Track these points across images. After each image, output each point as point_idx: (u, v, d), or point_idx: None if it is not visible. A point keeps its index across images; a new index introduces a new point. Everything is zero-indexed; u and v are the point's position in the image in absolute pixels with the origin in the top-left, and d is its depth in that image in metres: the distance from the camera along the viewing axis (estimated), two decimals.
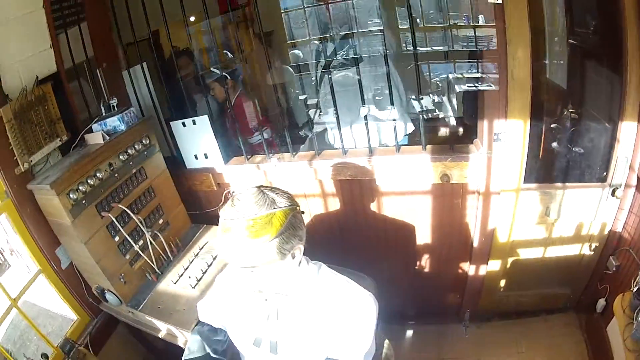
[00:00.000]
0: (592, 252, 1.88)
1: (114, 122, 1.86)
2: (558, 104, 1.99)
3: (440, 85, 2.84)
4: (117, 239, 1.78)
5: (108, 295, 1.80)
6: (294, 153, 2.07)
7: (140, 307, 1.76)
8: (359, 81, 1.89)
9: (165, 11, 1.93)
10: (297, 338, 1.09)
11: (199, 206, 2.31)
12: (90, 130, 1.86)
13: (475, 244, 1.97)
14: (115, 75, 2.17)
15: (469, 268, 2.09)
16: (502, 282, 2.10)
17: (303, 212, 1.06)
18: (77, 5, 1.96)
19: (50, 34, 1.84)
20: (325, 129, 2.36)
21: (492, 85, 2.07)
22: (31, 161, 1.74)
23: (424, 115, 2.58)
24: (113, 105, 1.94)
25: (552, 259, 1.95)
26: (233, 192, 2.27)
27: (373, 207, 2.06)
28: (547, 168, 1.81)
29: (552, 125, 1.99)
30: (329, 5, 2.49)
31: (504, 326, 2.19)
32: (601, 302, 1.84)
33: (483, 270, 2.05)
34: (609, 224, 1.77)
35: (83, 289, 1.89)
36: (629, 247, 1.69)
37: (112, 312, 1.91)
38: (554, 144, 2.01)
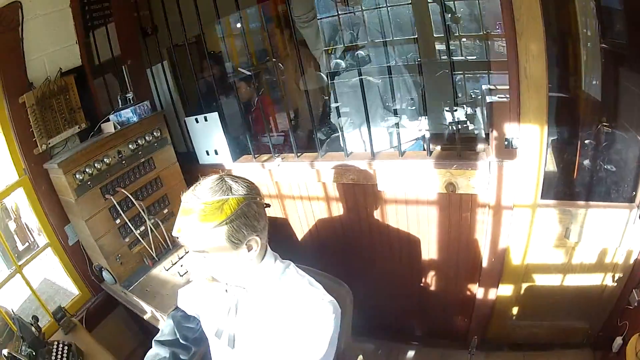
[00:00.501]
0: (615, 284, 1.64)
1: (127, 114, 1.95)
2: (591, 117, 1.82)
3: (473, 96, 2.72)
4: (118, 221, 1.85)
5: (105, 274, 1.86)
6: (299, 153, 2.02)
7: (132, 287, 1.82)
8: (378, 86, 1.84)
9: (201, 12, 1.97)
10: (254, 335, 1.06)
11: None
12: (107, 121, 1.95)
13: (485, 264, 1.79)
14: (139, 72, 2.28)
15: (477, 290, 1.90)
16: (515, 310, 1.89)
17: (268, 206, 1.04)
18: (104, 8, 2.11)
19: (77, 31, 1.98)
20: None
21: None
22: (49, 144, 1.87)
23: (454, 127, 2.49)
24: (129, 98, 2.03)
25: (570, 288, 1.72)
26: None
27: (377, 214, 1.95)
28: (568, 183, 1.63)
29: (586, 141, 1.82)
30: (364, 12, 2.49)
31: (514, 358, 1.95)
32: (618, 341, 1.59)
33: (493, 294, 1.85)
34: (635, 252, 1.54)
35: (87, 266, 1.97)
36: None
37: (110, 291, 1.95)
38: (586, 161, 1.83)
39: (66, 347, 1.50)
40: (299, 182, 2.06)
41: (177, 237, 0.97)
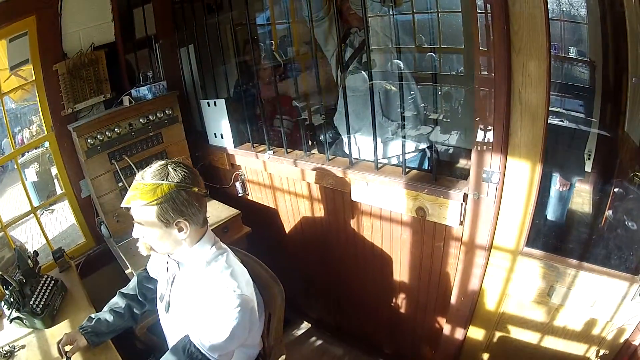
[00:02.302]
0: None
1: (144, 90, 2.05)
2: (627, 164, 1.46)
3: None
4: (120, 184, 2.00)
5: (103, 228, 2.04)
6: (289, 150, 1.94)
7: (121, 243, 1.98)
8: (379, 93, 1.67)
9: None
10: (181, 305, 1.15)
11: (217, 180, 2.39)
12: (129, 94, 2.07)
13: (453, 301, 1.57)
14: (170, 51, 2.37)
15: (445, 326, 1.68)
16: (485, 356, 1.64)
17: (205, 195, 1.11)
18: None
19: (113, 9, 2.10)
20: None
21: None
22: (75, 108, 2.06)
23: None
24: (149, 77, 2.12)
25: (549, 350, 1.42)
26: (242, 175, 2.28)
27: (353, 224, 1.81)
28: (560, 235, 1.32)
29: (616, 190, 1.47)
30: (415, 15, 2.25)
31: None
32: None
33: (460, 334, 1.62)
34: (628, 331, 1.20)
35: (94, 219, 2.17)
36: None
37: (108, 244, 2.10)
38: (609, 212, 1.49)
39: (53, 282, 1.66)
40: (287, 178, 1.99)
41: (126, 208, 1.09)
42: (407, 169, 1.50)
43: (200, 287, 1.09)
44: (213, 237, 1.17)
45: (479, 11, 1.11)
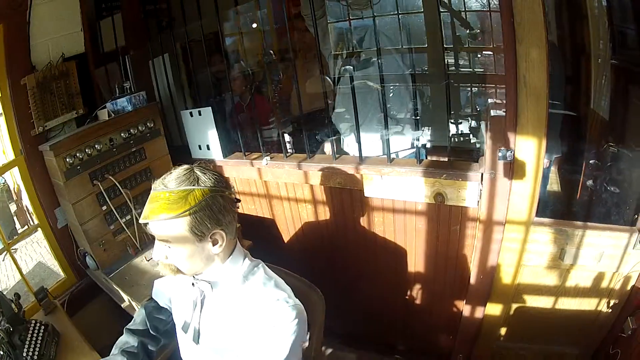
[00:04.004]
0: (610, 310, 1.46)
1: (123, 102, 1.88)
2: (598, 137, 1.68)
3: (479, 109, 2.58)
4: (104, 208, 1.78)
5: (88, 259, 1.80)
6: (288, 154, 1.91)
7: (112, 274, 1.76)
8: (379, 92, 1.74)
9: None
10: (217, 332, 1.00)
11: None
12: (104, 108, 1.88)
13: (472, 281, 1.64)
14: (141, 63, 2.24)
15: (464, 308, 1.75)
16: (502, 331, 1.72)
17: (238, 201, 0.99)
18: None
19: (82, 19, 1.93)
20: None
21: None
22: (46, 126, 1.82)
23: (455, 139, 2.33)
24: (127, 88, 1.96)
25: (562, 311, 1.55)
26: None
27: (363, 222, 1.82)
28: (567, 202, 1.47)
29: (591, 161, 1.67)
30: (375, 19, 2.39)
31: None
32: None
33: (480, 313, 1.69)
34: (634, 278, 1.37)
35: (73, 251, 1.90)
36: None
37: (94, 277, 1.87)
38: (589, 182, 1.68)
39: (43, 327, 1.42)
40: (286, 183, 1.94)
41: (145, 225, 0.93)
42: (421, 159, 1.57)
43: (241, 307, 0.96)
44: (243, 249, 1.04)
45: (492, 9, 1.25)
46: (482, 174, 1.43)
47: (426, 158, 1.86)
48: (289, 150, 2.06)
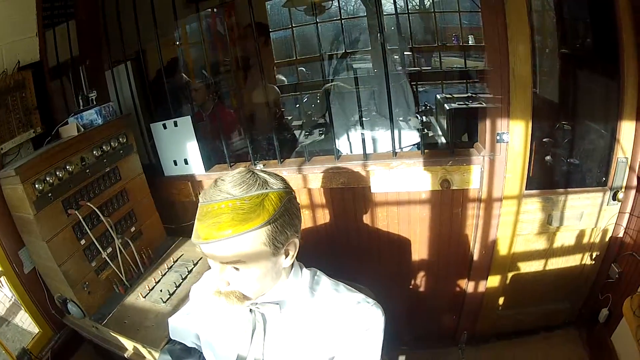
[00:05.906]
0: (593, 262, 1.70)
1: (91, 115, 1.59)
2: (551, 119, 1.92)
3: (428, 105, 2.78)
4: (83, 242, 1.46)
5: (70, 306, 1.44)
6: (282, 160, 1.82)
7: (105, 321, 1.44)
8: (374, 91, 1.76)
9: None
10: (289, 356, 0.87)
11: (176, 219, 1.95)
12: (66, 124, 1.56)
13: (475, 257, 1.75)
14: (98, 73, 1.93)
15: (467, 285, 1.85)
16: (501, 300, 1.87)
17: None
18: (67, 6, 1.80)
19: (38, 22, 1.62)
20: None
21: (483, 103, 1.99)
22: (1, 149, 1.45)
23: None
24: (92, 99, 1.66)
25: (552, 271, 1.76)
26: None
27: (366, 219, 1.82)
28: (548, 174, 1.68)
29: (545, 140, 1.90)
30: (318, 25, 2.42)
31: (503, 347, 1.93)
32: (604, 312, 1.66)
33: (482, 286, 1.82)
34: (610, 230, 1.62)
35: (46, 299, 1.53)
36: (632, 252, 1.54)
37: (76, 327, 1.52)
38: (547, 157, 1.91)
39: None
40: None
41: (201, 246, 0.75)
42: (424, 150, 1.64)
43: (317, 322, 0.85)
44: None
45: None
46: (483, 157, 1.55)
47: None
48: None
